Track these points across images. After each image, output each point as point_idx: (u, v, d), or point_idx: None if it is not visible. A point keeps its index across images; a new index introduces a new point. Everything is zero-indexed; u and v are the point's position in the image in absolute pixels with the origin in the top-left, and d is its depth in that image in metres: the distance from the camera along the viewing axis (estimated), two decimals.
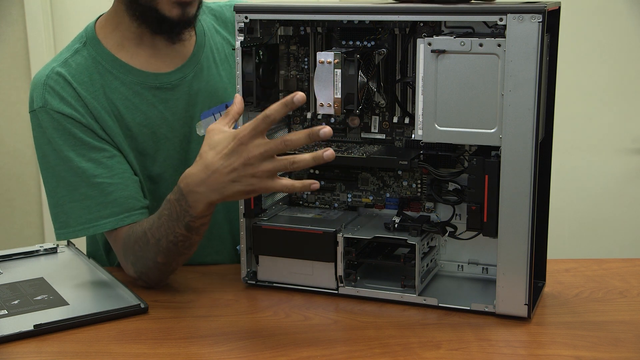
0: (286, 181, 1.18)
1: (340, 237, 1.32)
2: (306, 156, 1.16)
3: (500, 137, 1.20)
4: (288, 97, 1.15)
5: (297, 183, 1.18)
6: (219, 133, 1.22)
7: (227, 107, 1.55)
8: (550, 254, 1.38)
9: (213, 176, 1.20)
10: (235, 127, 1.26)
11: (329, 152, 1.15)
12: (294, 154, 1.19)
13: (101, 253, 1.60)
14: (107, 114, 1.44)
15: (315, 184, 1.17)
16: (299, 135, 1.16)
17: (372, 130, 1.43)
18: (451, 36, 1.21)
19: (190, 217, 1.26)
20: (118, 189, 1.40)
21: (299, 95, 1.14)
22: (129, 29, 1.47)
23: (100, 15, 1.52)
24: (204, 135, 1.51)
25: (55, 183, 1.41)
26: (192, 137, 1.52)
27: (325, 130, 1.14)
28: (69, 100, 1.42)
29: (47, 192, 1.44)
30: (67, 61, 1.46)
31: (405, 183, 1.42)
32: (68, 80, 1.43)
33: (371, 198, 1.45)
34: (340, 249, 1.32)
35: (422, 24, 1.34)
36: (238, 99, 1.26)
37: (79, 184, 1.40)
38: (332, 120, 1.45)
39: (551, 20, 1.28)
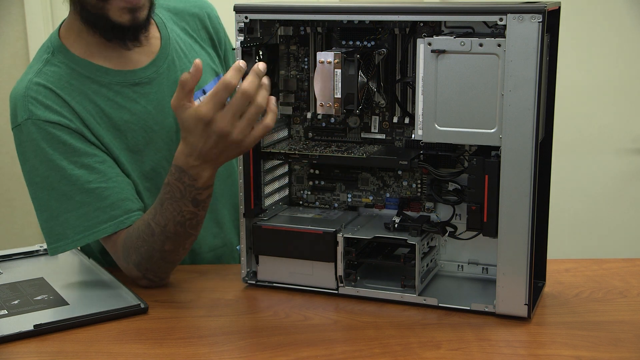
0: (262, 125, 1.25)
1: (340, 237, 1.32)
2: (256, 86, 1.22)
3: (500, 137, 1.20)
4: (236, 63, 1.22)
5: (267, 118, 1.25)
6: (184, 112, 1.23)
7: (204, 92, 1.56)
8: (550, 254, 1.38)
9: (202, 153, 1.25)
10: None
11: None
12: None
13: (96, 255, 1.59)
14: (92, 117, 1.43)
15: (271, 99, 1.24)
16: (236, 75, 1.22)
17: (372, 130, 1.43)
18: (451, 36, 1.21)
19: (196, 190, 1.28)
20: (114, 192, 1.39)
21: (242, 62, 1.22)
22: (89, 35, 1.46)
23: (62, 23, 1.51)
24: None
25: (47, 196, 1.39)
26: (178, 127, 1.50)
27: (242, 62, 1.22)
28: (54, 107, 1.40)
29: (37, 208, 1.41)
30: (41, 71, 1.44)
31: (405, 183, 1.42)
32: (49, 88, 1.41)
33: (371, 198, 1.45)
34: (340, 249, 1.32)
35: (422, 24, 1.34)
36: (196, 65, 1.22)
37: (73, 192, 1.38)
38: (332, 120, 1.45)
39: (551, 20, 1.28)
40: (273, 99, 1.26)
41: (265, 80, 1.24)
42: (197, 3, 1.65)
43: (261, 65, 1.22)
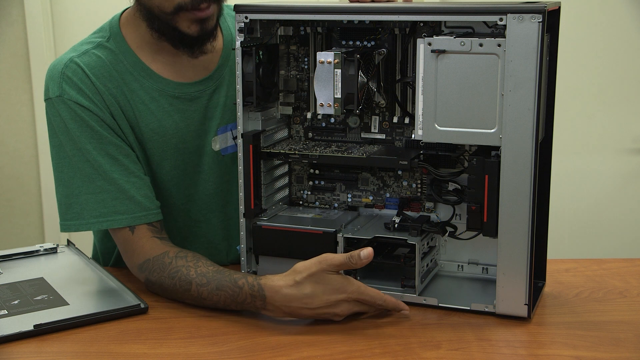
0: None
1: (340, 237, 1.32)
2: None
3: (500, 137, 1.20)
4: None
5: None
6: (333, 273, 1.22)
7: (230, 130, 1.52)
8: (550, 254, 1.38)
9: (306, 307, 1.22)
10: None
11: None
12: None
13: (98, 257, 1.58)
14: (122, 112, 1.41)
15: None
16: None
17: (372, 130, 1.43)
18: (451, 36, 1.21)
19: (256, 310, 1.27)
20: (134, 187, 1.38)
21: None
22: (147, 33, 1.42)
23: (126, 9, 1.48)
24: (218, 150, 1.48)
25: (72, 172, 1.38)
26: (204, 151, 1.48)
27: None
28: (87, 93, 1.38)
29: (59, 182, 1.40)
30: (87, 52, 1.42)
31: (405, 183, 1.42)
32: (86, 73, 1.39)
33: (371, 198, 1.45)
34: (340, 249, 1.32)
35: (422, 24, 1.34)
36: (368, 254, 1.22)
37: (95, 176, 1.37)
38: (332, 120, 1.45)
39: (551, 20, 1.28)
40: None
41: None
42: None
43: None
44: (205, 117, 1.47)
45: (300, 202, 1.50)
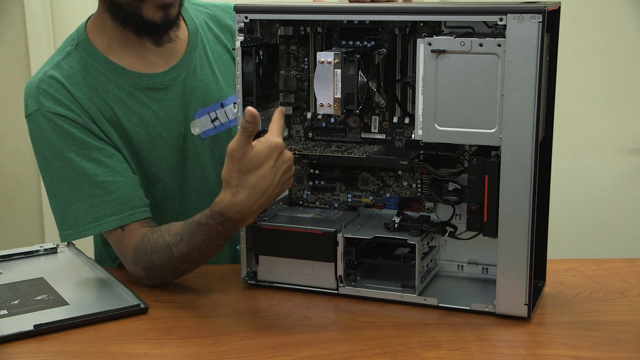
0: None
1: (340, 237, 1.32)
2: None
3: (500, 137, 1.20)
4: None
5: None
6: (247, 154, 1.22)
7: (222, 105, 1.55)
8: (550, 254, 1.38)
9: (265, 194, 1.25)
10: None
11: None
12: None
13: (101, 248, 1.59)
14: (101, 114, 1.44)
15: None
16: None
17: (372, 130, 1.43)
18: (451, 36, 1.21)
19: (234, 230, 1.29)
20: (120, 187, 1.40)
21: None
22: (114, 31, 1.47)
23: (90, 16, 1.53)
24: (198, 134, 1.52)
25: (59, 184, 1.41)
26: (187, 136, 1.52)
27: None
28: (64, 102, 1.42)
29: (50, 195, 1.44)
30: (59, 64, 1.46)
31: (405, 183, 1.42)
32: (61, 82, 1.43)
33: (371, 198, 1.45)
34: (340, 249, 1.32)
35: (422, 24, 1.34)
36: (251, 113, 1.20)
37: (82, 183, 1.40)
38: (332, 120, 1.45)
39: (551, 20, 1.28)
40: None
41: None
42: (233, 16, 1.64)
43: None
44: (182, 103, 1.51)
45: (300, 202, 1.50)
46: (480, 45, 1.19)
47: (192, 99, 1.52)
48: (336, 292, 1.35)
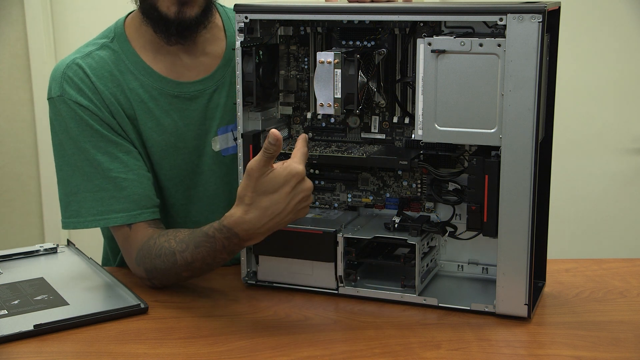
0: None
1: (340, 237, 1.32)
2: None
3: (500, 137, 1.20)
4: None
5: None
6: (266, 175, 1.21)
7: (232, 131, 1.53)
8: (550, 254, 1.38)
9: (276, 218, 1.23)
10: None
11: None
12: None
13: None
14: (123, 110, 1.43)
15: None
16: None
17: (372, 130, 1.43)
18: (451, 36, 1.21)
19: (240, 248, 1.28)
20: (132, 184, 1.40)
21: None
22: (148, 32, 1.46)
23: (131, 12, 1.51)
24: (219, 151, 1.49)
25: (71, 171, 1.41)
26: (204, 151, 1.49)
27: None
28: (86, 93, 1.41)
29: (59, 180, 1.43)
30: (90, 54, 1.45)
31: (405, 183, 1.42)
32: (87, 73, 1.42)
33: (371, 198, 1.45)
34: (340, 249, 1.32)
35: (422, 24, 1.34)
36: (275, 136, 1.18)
37: (94, 175, 1.39)
38: (332, 120, 1.45)
39: (551, 20, 1.28)
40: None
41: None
42: None
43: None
44: (205, 117, 1.48)
45: None
46: (480, 45, 1.19)
47: (216, 115, 1.49)
48: (336, 292, 1.35)
